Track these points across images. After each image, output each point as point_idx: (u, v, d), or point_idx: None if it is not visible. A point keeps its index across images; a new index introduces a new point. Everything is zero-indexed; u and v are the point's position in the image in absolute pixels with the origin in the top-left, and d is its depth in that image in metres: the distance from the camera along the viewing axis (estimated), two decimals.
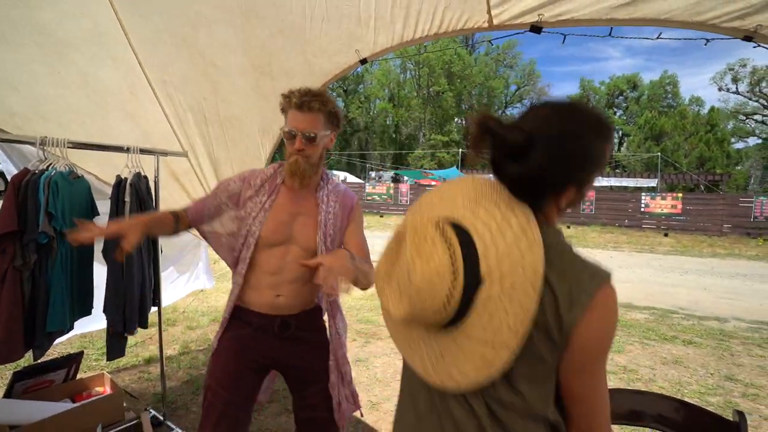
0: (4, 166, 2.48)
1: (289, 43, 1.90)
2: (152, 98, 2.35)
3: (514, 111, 41.29)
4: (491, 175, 0.84)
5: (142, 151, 2.23)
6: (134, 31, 2.01)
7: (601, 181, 20.53)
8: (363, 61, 1.85)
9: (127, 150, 2.17)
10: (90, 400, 2.42)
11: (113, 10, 1.91)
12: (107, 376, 2.67)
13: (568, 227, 16.83)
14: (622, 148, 34.69)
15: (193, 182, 2.88)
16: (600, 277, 0.73)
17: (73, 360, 2.67)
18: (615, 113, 35.88)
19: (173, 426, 2.54)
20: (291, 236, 1.48)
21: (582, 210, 17.56)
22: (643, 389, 1.57)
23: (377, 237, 3.38)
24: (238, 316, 1.52)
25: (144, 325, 2.39)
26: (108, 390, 2.56)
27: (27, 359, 2.20)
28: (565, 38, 1.26)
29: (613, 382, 3.38)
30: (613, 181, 20.45)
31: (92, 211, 2.12)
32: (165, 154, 2.41)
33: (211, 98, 2.37)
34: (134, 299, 2.23)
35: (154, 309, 2.51)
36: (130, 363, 3.34)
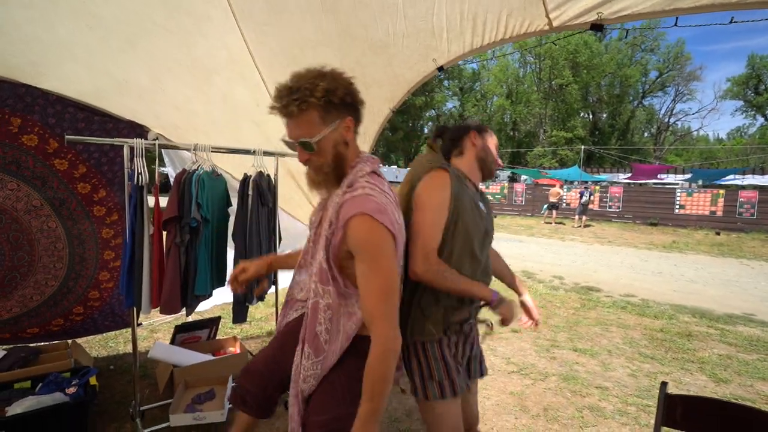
0: (169, 169, 3.23)
1: (378, 57, 2.17)
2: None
3: (654, 101, 35.95)
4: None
5: (265, 153, 2.71)
6: (258, 55, 2.48)
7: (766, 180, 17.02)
8: (440, 69, 2.03)
9: (253, 152, 2.66)
10: (224, 356, 3.03)
11: (244, 41, 2.40)
12: (238, 339, 3.28)
13: (717, 233, 14.24)
14: None
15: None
16: None
17: (214, 322, 3.35)
18: None
19: None
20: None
21: (738, 214, 14.75)
22: None
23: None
24: None
25: (262, 299, 2.90)
26: (238, 350, 3.16)
27: (183, 317, 2.86)
28: (627, 33, 1.27)
29: None
30: None
31: (227, 203, 2.67)
32: (283, 155, 2.88)
33: None
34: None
35: (271, 291, 2.99)
36: (255, 333, 4.01)
